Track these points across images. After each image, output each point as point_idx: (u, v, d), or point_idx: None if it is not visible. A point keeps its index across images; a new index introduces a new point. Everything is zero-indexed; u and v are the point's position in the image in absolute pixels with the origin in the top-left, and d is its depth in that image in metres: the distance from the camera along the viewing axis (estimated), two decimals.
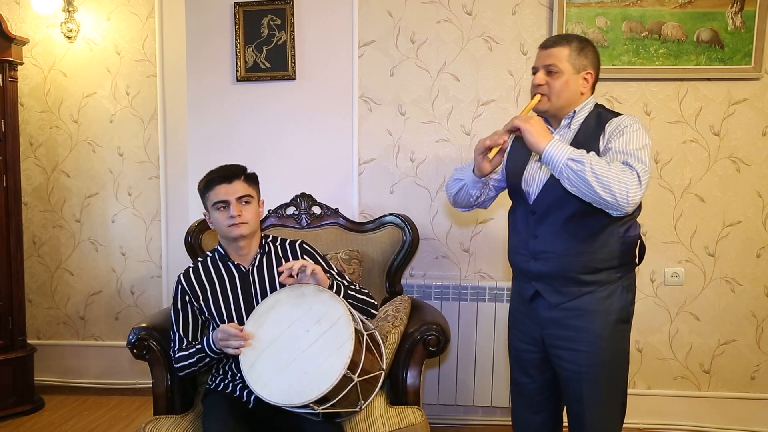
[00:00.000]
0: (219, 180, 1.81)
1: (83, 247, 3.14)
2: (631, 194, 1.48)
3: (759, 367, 2.63)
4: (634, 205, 1.50)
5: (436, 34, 2.61)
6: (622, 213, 1.53)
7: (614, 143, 1.58)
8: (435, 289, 2.60)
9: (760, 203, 2.57)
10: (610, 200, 1.49)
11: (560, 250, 1.68)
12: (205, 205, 1.86)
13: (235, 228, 1.79)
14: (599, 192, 1.48)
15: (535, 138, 1.56)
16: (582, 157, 1.50)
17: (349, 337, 1.53)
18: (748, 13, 2.43)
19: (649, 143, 1.59)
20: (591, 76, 1.69)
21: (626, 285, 1.70)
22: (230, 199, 1.79)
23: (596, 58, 1.71)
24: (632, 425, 2.65)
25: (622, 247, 1.67)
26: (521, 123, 1.59)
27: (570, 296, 1.69)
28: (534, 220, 1.73)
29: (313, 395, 1.50)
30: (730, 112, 2.53)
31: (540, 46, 1.72)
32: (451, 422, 2.72)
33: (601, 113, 1.69)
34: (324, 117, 2.67)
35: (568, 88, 1.67)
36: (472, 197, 1.86)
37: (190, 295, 1.84)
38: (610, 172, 1.48)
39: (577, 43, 1.68)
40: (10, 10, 3.02)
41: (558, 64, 1.66)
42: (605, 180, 1.47)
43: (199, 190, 1.87)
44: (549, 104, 1.70)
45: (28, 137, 3.10)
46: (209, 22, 2.68)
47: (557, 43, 1.68)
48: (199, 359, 1.77)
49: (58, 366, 3.18)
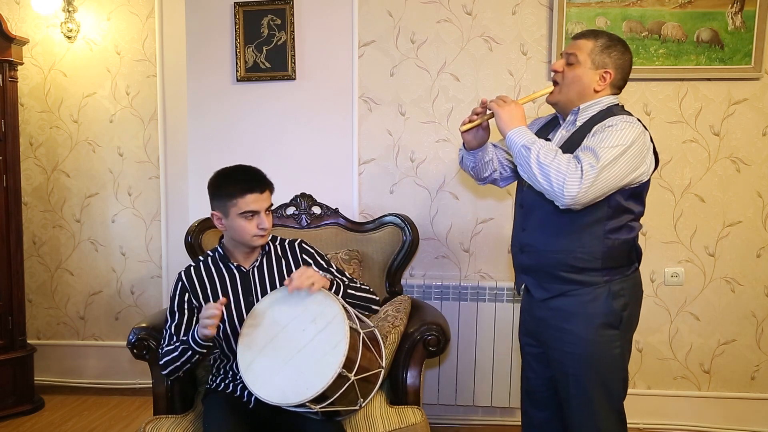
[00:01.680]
0: (250, 188, 1.74)
1: (83, 247, 3.14)
2: (568, 186, 1.47)
3: (759, 367, 2.63)
4: (573, 197, 1.48)
5: (436, 34, 2.61)
6: (564, 205, 1.51)
7: (586, 141, 1.57)
8: (435, 289, 2.60)
9: (760, 203, 2.57)
10: (548, 189, 1.51)
11: (542, 245, 1.69)
12: (224, 208, 1.77)
13: (260, 238, 1.78)
14: (539, 179, 1.52)
15: (503, 122, 1.61)
16: (533, 145, 1.53)
17: (344, 335, 1.54)
18: (748, 13, 2.43)
19: (630, 144, 1.52)
20: (610, 75, 1.65)
21: (616, 289, 1.64)
22: (261, 210, 1.75)
23: (623, 60, 1.66)
24: (632, 425, 2.63)
25: (605, 248, 1.62)
26: (495, 106, 1.64)
27: (553, 292, 1.69)
28: (523, 213, 1.76)
29: (309, 394, 1.51)
30: (730, 112, 2.53)
31: (571, 36, 1.73)
32: (451, 422, 2.72)
33: (607, 113, 1.64)
34: (324, 117, 2.68)
35: (581, 81, 1.65)
36: (470, 168, 1.90)
37: (190, 292, 1.83)
38: (553, 161, 1.50)
39: (605, 40, 1.66)
40: (10, 10, 3.02)
41: (578, 55, 1.65)
42: (546, 168, 1.50)
43: (220, 191, 1.78)
44: (559, 95, 1.70)
45: (28, 137, 3.10)
46: (209, 22, 2.68)
47: (585, 36, 1.68)
48: (182, 351, 1.70)
49: (58, 366, 3.18)
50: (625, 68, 1.68)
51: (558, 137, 1.73)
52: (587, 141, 1.57)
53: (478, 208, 2.67)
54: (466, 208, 2.67)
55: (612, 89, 1.68)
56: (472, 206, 2.67)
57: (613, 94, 1.69)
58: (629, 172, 1.54)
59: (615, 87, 1.69)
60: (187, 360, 1.72)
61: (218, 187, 1.80)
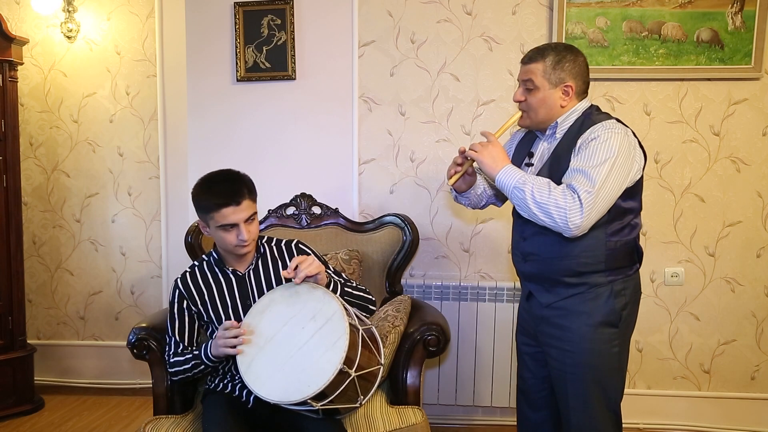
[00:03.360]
0: (225, 203, 1.69)
1: (83, 247, 3.14)
2: (571, 218, 1.49)
3: (759, 367, 2.63)
4: (577, 227, 1.51)
5: (436, 34, 2.61)
6: (571, 235, 1.54)
7: (574, 160, 1.58)
8: (435, 289, 2.60)
9: (760, 203, 2.57)
10: (552, 224, 1.53)
11: (545, 253, 1.69)
12: (204, 219, 1.76)
13: (242, 248, 1.76)
14: (541, 217, 1.54)
15: (487, 167, 1.63)
16: (525, 185, 1.55)
17: (344, 332, 1.54)
18: (748, 13, 2.43)
19: (617, 154, 1.53)
20: (571, 88, 1.65)
21: (618, 289, 1.66)
22: (239, 222, 1.72)
23: (578, 66, 1.66)
24: (632, 425, 2.65)
25: (609, 251, 1.64)
26: (475, 154, 1.65)
27: (560, 296, 1.70)
28: (522, 222, 1.75)
29: (310, 391, 1.51)
30: (730, 112, 2.53)
31: (521, 60, 1.72)
32: (451, 422, 2.72)
33: (585, 120, 1.65)
34: (324, 117, 2.68)
35: (545, 104, 1.66)
36: (466, 205, 1.94)
37: (188, 299, 1.83)
38: (550, 198, 1.52)
39: (553, 56, 1.64)
40: (10, 10, 3.02)
41: (534, 80, 1.65)
42: (545, 207, 1.52)
43: (198, 204, 1.76)
44: (529, 121, 1.72)
45: (28, 137, 3.10)
46: (209, 22, 2.68)
47: (532, 59, 1.67)
48: (194, 365, 1.76)
49: (58, 366, 3.18)
50: (583, 73, 1.68)
51: (540, 150, 1.74)
52: (574, 161, 1.58)
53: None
54: (466, 208, 2.65)
55: (579, 97, 1.69)
56: None
57: (581, 100, 1.70)
58: (623, 179, 1.57)
59: (580, 93, 1.69)
60: (199, 371, 1.79)
61: (197, 199, 1.77)
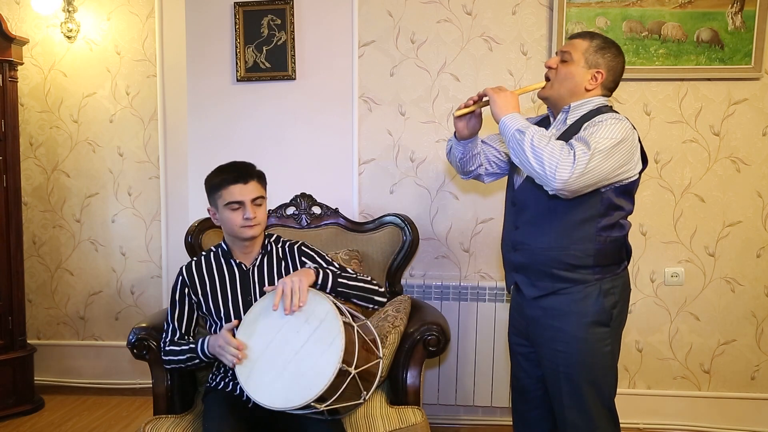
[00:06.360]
0: (234, 179, 1.76)
1: (83, 247, 3.14)
2: (560, 170, 1.48)
3: (759, 367, 2.63)
4: (563, 182, 1.48)
5: (436, 34, 2.61)
6: (553, 189, 1.52)
7: (581, 133, 1.58)
8: (435, 289, 2.60)
9: (760, 203, 2.57)
10: (540, 172, 1.51)
11: (535, 243, 1.69)
12: (214, 202, 1.82)
13: (248, 229, 1.78)
14: (532, 163, 1.52)
15: (498, 107, 1.62)
16: (528, 129, 1.54)
17: (339, 331, 1.53)
18: (748, 13, 2.43)
19: (621, 140, 1.53)
20: (601, 75, 1.67)
21: (606, 288, 1.66)
22: (245, 201, 1.76)
23: (616, 62, 1.69)
24: (632, 425, 2.65)
25: (598, 246, 1.64)
26: (491, 92, 1.65)
27: (544, 290, 1.70)
28: (515, 211, 1.76)
29: (312, 394, 1.50)
30: (730, 112, 2.53)
31: (568, 36, 1.74)
32: (451, 422, 2.72)
33: (596, 113, 1.65)
34: (324, 117, 2.68)
35: (573, 78, 1.68)
36: (458, 159, 1.88)
37: (190, 287, 1.85)
38: (547, 146, 1.51)
39: (600, 42, 1.69)
40: (10, 10, 3.02)
41: (572, 53, 1.68)
42: (539, 151, 1.50)
43: (209, 185, 1.82)
44: (550, 90, 1.72)
45: (28, 137, 3.10)
46: (209, 22, 2.68)
47: (581, 36, 1.72)
48: (189, 358, 1.78)
49: (58, 366, 3.18)
50: (617, 71, 1.71)
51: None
52: (579, 135, 1.58)
53: (478, 208, 2.67)
54: (466, 208, 2.68)
55: (603, 90, 1.70)
56: (472, 206, 2.67)
57: (603, 95, 1.71)
58: (619, 166, 1.56)
59: (606, 88, 1.71)
60: (193, 365, 1.81)
61: (208, 180, 1.84)
